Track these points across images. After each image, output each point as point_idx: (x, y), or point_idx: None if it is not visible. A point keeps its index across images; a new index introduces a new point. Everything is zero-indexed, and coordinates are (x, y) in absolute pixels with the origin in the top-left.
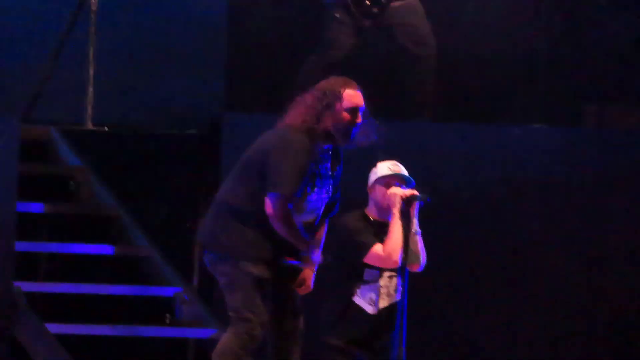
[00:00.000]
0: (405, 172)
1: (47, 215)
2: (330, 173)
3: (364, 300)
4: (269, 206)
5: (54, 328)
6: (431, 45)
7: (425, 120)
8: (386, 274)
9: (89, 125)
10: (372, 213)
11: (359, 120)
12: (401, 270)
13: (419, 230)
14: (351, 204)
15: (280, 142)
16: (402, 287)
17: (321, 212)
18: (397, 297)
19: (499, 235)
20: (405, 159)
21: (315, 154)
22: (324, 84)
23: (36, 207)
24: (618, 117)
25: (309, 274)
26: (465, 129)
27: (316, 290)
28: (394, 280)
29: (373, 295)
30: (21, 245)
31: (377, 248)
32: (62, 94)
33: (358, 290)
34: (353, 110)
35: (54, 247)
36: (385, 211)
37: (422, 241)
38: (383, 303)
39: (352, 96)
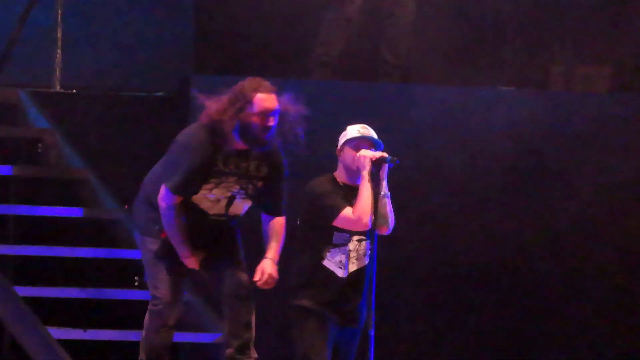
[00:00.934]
0: (374, 134)
1: (16, 178)
2: (253, 174)
3: (333, 264)
4: (159, 194)
5: (22, 291)
6: (410, 8)
7: (396, 82)
8: (355, 237)
9: (57, 88)
10: (340, 176)
11: (270, 124)
12: (370, 234)
13: (388, 192)
14: (321, 169)
15: (182, 137)
16: (370, 250)
17: (243, 211)
18: (367, 261)
19: (466, 198)
20: (375, 120)
21: (223, 153)
22: (238, 86)
23: (4, 170)
24: (585, 79)
25: (268, 265)
26: (434, 90)
27: (285, 254)
28: (363, 244)
29: (343, 259)
30: None
31: (347, 211)
32: (30, 56)
33: (327, 254)
34: (263, 114)
35: (23, 209)
36: (354, 174)
37: (391, 204)
38: (353, 267)
39: (263, 100)
